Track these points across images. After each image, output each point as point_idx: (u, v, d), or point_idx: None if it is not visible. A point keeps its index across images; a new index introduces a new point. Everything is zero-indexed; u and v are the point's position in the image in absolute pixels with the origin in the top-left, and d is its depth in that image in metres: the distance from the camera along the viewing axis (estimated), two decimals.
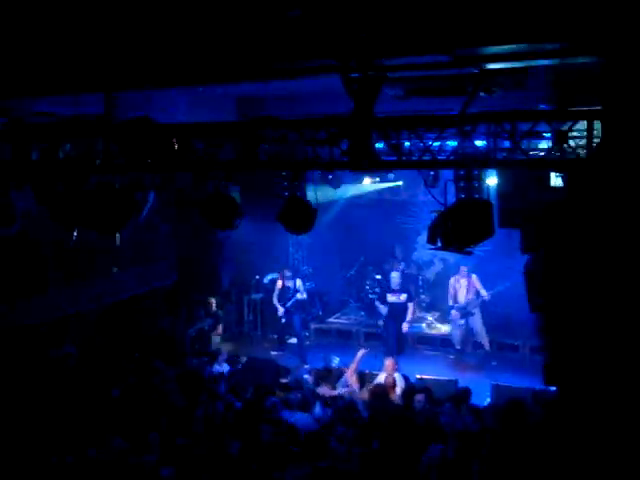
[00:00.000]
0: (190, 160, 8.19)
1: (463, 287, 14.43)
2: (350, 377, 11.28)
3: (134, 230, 11.96)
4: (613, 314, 6.43)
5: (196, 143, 8.20)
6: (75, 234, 9.87)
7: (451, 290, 14.64)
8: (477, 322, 14.37)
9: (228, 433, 9.07)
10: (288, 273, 15.27)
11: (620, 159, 6.05)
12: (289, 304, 14.77)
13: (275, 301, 15.05)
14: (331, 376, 11.73)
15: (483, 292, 14.27)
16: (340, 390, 11.14)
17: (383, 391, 10.37)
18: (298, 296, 14.83)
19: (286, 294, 14.90)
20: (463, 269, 14.41)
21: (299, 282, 15.08)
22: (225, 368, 12.38)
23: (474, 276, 14.43)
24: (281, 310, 14.84)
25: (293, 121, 7.91)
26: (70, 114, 8.66)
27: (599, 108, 6.40)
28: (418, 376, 11.80)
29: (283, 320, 14.95)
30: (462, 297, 14.44)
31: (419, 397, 10.12)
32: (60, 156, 8.51)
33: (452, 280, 14.70)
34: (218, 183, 8.82)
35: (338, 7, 5.86)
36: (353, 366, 11.52)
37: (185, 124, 8.37)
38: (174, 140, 8.08)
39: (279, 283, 15.10)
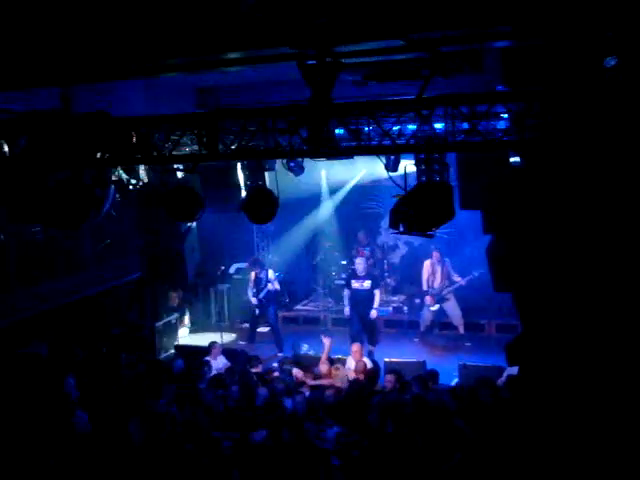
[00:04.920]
0: (150, 153, 8.13)
1: (438, 272, 14.44)
2: (321, 366, 11.27)
3: (97, 225, 11.85)
4: (574, 291, 6.55)
5: (155, 136, 8.14)
6: None
7: (425, 274, 14.59)
8: (452, 307, 14.46)
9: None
10: (260, 261, 15.26)
11: (572, 138, 6.16)
12: (262, 295, 14.71)
13: (249, 293, 14.92)
14: (308, 365, 11.73)
15: (456, 278, 14.36)
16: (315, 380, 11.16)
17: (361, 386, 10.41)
18: (270, 287, 14.77)
19: (258, 285, 14.84)
20: (436, 254, 14.42)
21: (271, 273, 15.00)
22: (222, 361, 12.04)
23: (447, 261, 14.52)
24: (254, 300, 14.74)
25: (252, 110, 7.89)
26: (25, 110, 8.53)
27: (552, 88, 6.49)
28: (386, 359, 11.89)
29: (257, 312, 14.91)
30: (435, 282, 14.45)
31: (389, 377, 10.29)
32: (16, 153, 8.37)
33: (427, 263, 14.65)
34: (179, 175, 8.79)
35: None
36: (324, 356, 11.57)
37: (143, 117, 8.29)
38: (132, 133, 8.01)
39: (252, 275, 14.99)
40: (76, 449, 8.43)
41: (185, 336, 15.77)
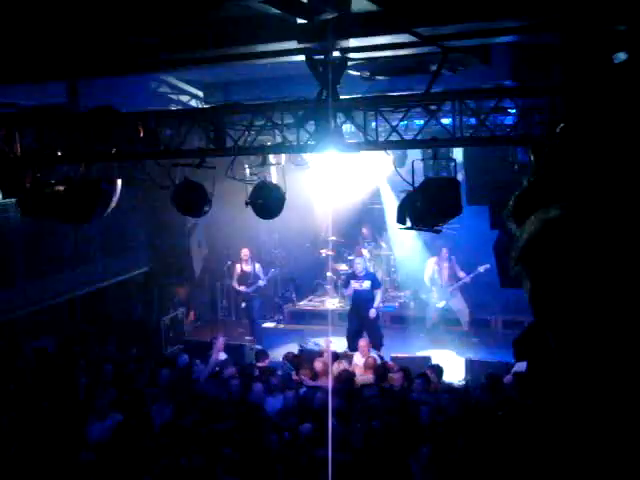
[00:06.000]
0: (157, 148, 8.13)
1: (444, 269, 14.37)
2: (316, 364, 11.21)
3: (104, 220, 11.86)
4: (588, 285, 6.52)
5: (162, 130, 8.14)
6: None
7: (429, 271, 14.53)
8: (459, 303, 14.41)
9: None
10: (245, 255, 14.92)
11: (582, 133, 6.12)
12: (251, 289, 14.56)
13: (236, 285, 14.80)
14: (307, 362, 11.69)
15: (461, 274, 14.30)
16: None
17: (348, 376, 10.37)
18: (260, 283, 14.67)
19: (246, 279, 14.69)
20: (444, 251, 14.32)
21: (258, 266, 14.85)
22: (222, 357, 11.83)
23: (453, 258, 14.45)
24: (242, 288, 14.57)
25: (260, 105, 7.89)
26: (31, 104, 8.53)
27: (561, 83, 6.47)
28: (392, 355, 11.87)
29: (243, 305, 14.81)
30: (442, 279, 14.40)
31: (397, 375, 10.19)
32: (23, 147, 8.38)
33: (430, 260, 14.63)
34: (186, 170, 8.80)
35: None
36: (325, 355, 11.49)
37: (151, 111, 8.29)
38: (140, 128, 8.02)
39: (237, 267, 14.83)
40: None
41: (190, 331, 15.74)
